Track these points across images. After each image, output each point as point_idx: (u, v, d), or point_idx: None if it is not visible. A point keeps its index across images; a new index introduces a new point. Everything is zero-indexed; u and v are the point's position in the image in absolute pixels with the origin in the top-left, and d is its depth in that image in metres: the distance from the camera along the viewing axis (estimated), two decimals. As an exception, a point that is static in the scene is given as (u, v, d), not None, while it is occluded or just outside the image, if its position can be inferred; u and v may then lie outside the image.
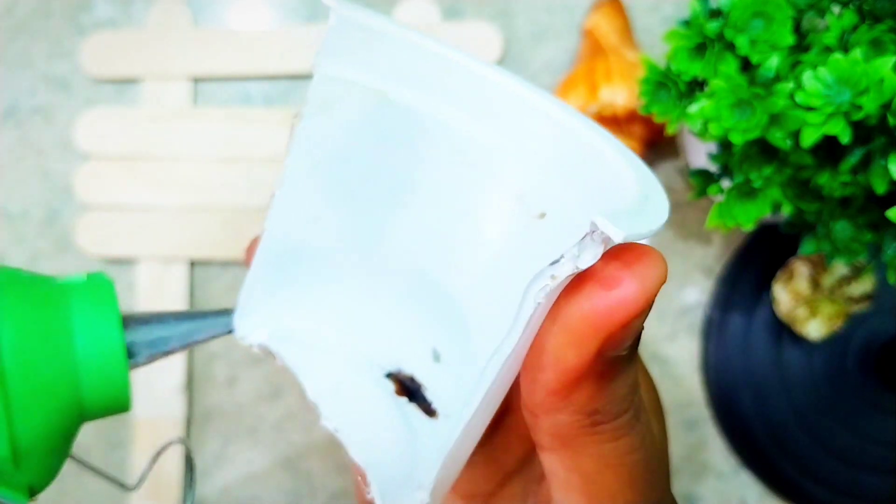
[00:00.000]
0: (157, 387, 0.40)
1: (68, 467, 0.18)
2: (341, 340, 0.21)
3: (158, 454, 0.22)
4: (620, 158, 0.17)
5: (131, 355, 0.18)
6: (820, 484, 0.38)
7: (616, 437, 0.17)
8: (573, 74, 0.38)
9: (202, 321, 0.19)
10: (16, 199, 0.42)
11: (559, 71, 0.41)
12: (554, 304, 0.15)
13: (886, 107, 0.25)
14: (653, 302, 0.15)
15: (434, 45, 0.20)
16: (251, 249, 0.20)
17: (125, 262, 0.41)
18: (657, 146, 0.40)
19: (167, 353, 0.19)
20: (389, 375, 0.20)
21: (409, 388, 0.20)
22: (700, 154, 0.37)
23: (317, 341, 0.21)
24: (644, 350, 0.40)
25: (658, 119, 0.30)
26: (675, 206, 0.40)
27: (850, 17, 0.27)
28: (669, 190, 0.40)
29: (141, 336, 0.18)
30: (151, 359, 0.19)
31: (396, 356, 0.20)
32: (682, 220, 0.40)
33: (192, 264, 0.41)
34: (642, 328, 0.16)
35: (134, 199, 0.41)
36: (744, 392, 0.39)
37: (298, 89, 0.42)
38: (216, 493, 0.40)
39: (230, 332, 0.20)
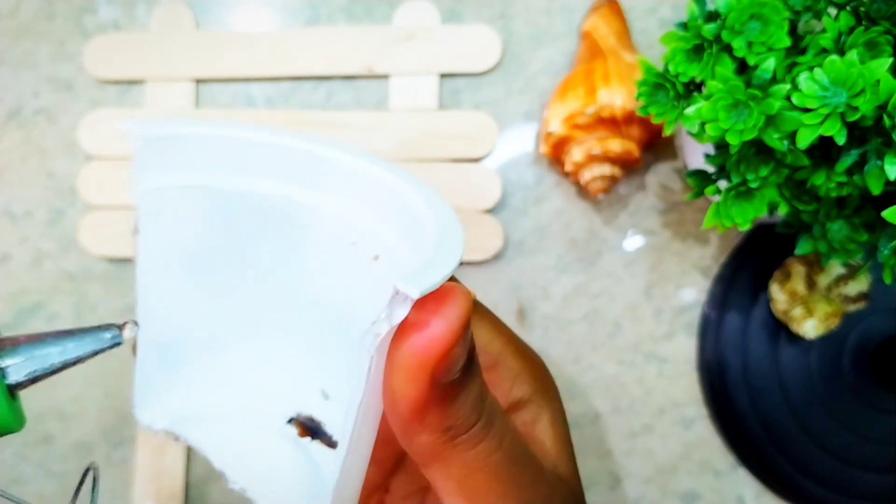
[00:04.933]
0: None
1: (71, 467, 0.19)
2: (240, 405, 0.23)
3: (81, 482, 0.23)
4: (420, 201, 0.20)
5: (6, 376, 0.19)
6: (816, 481, 0.38)
7: (474, 444, 0.19)
8: (571, 76, 0.39)
9: (82, 338, 0.20)
10: (20, 199, 0.42)
11: (558, 73, 0.41)
12: (390, 350, 0.18)
13: (882, 108, 0.25)
14: (462, 333, 0.17)
15: (236, 131, 0.22)
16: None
17: (129, 263, 0.41)
18: (655, 147, 0.40)
19: (50, 372, 0.20)
20: (291, 420, 0.23)
21: (309, 428, 0.23)
22: (697, 155, 0.37)
23: (217, 413, 0.23)
24: (642, 349, 0.40)
25: (656, 120, 0.30)
26: (673, 207, 0.40)
27: (846, 20, 0.27)
28: (667, 190, 0.41)
29: (15, 358, 0.19)
30: (33, 379, 0.20)
31: (292, 403, 0.23)
32: (679, 220, 0.41)
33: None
34: (468, 354, 0.18)
35: (137, 199, 0.41)
36: (740, 390, 0.39)
37: (300, 91, 0.42)
38: (218, 492, 0.41)
39: (116, 345, 0.21)
